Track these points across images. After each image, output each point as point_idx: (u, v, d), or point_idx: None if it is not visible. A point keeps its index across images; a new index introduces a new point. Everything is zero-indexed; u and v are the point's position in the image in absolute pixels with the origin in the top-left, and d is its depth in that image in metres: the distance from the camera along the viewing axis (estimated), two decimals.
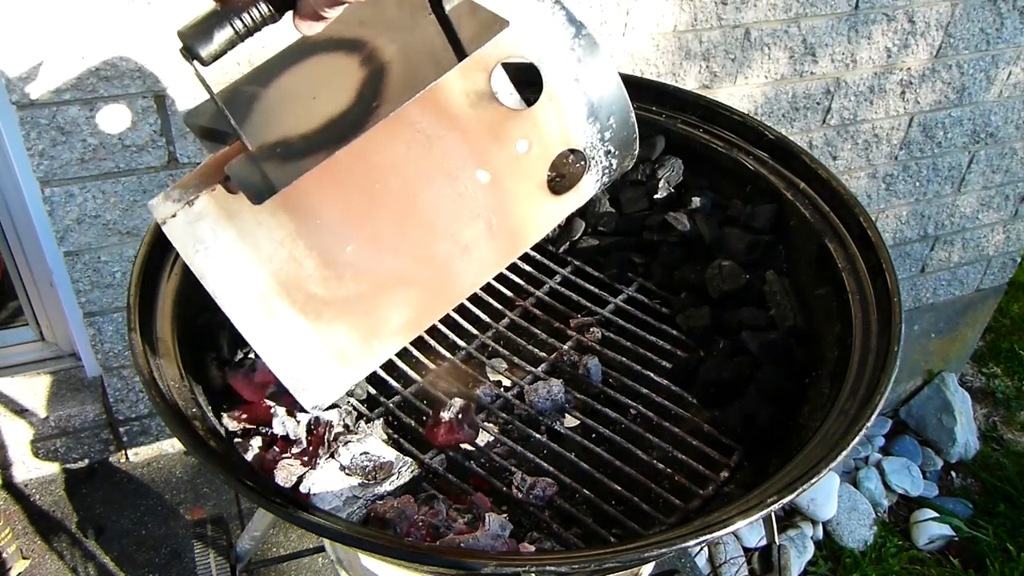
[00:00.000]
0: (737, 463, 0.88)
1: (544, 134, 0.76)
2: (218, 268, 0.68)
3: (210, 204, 0.68)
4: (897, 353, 0.78)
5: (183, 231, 0.67)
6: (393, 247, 0.72)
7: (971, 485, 2.66)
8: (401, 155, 0.70)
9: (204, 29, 0.60)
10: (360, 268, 0.71)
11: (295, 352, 0.71)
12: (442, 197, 0.73)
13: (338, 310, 0.71)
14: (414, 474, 0.83)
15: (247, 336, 0.69)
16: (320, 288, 0.70)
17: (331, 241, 0.70)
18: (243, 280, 0.68)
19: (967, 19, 1.88)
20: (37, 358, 1.72)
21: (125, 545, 1.65)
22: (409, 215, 0.72)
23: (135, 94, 1.31)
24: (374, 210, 0.71)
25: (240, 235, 0.68)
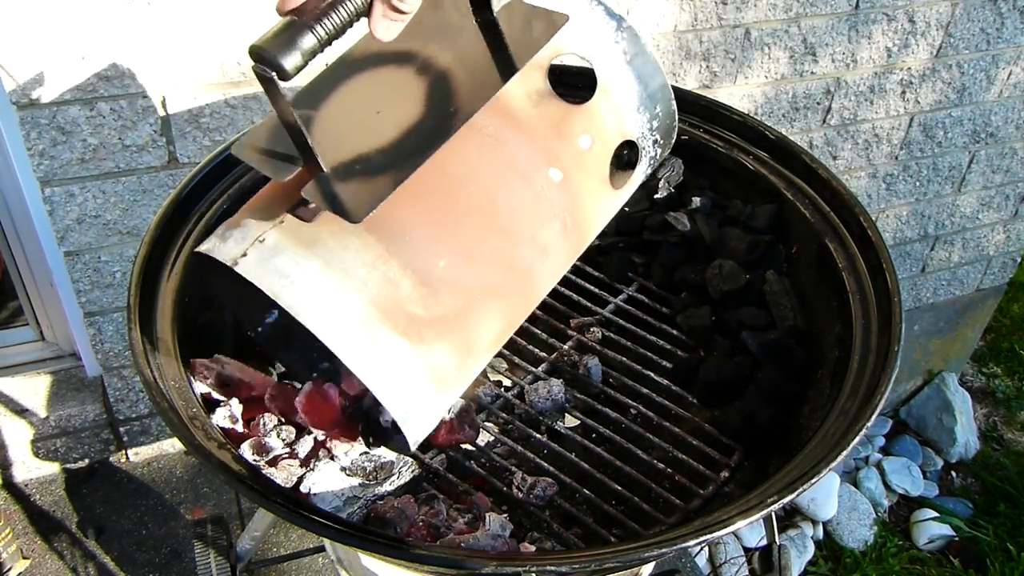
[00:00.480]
0: (737, 463, 0.88)
1: (602, 128, 0.76)
2: (311, 300, 0.63)
3: (283, 237, 0.64)
4: (897, 353, 0.78)
5: (260, 268, 0.63)
6: (482, 256, 0.69)
7: (971, 485, 2.66)
8: (475, 161, 0.68)
9: (285, 40, 0.56)
10: (454, 282, 0.68)
11: (401, 379, 0.66)
12: (520, 200, 0.71)
13: (438, 329, 0.67)
14: (414, 474, 0.83)
15: (354, 367, 0.63)
16: (419, 308, 0.65)
17: (423, 257, 0.66)
18: (341, 308, 0.63)
19: (967, 19, 1.88)
20: (37, 358, 1.72)
21: (125, 545, 1.65)
22: (492, 221, 0.69)
23: (135, 94, 1.31)
24: (458, 220, 0.68)
25: (327, 263, 0.63)
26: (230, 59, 1.33)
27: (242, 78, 1.36)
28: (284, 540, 1.69)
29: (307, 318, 0.62)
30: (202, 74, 1.33)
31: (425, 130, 0.63)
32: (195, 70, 1.32)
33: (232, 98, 1.37)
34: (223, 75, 1.34)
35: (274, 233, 0.64)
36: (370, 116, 0.65)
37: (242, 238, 0.65)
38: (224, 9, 1.28)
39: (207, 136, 1.40)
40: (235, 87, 1.36)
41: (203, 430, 0.74)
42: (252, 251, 0.63)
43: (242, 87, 1.37)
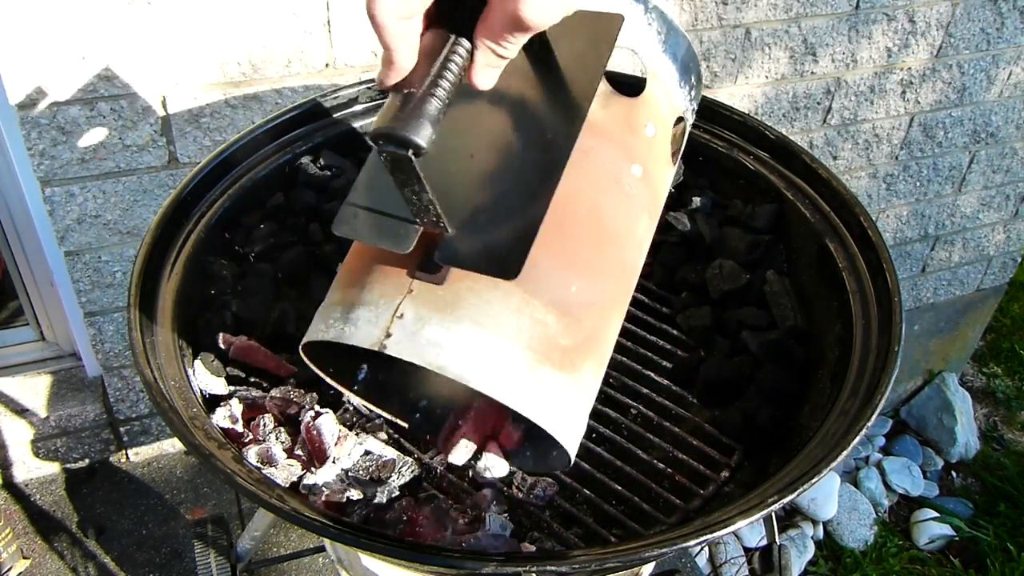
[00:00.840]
0: (737, 463, 0.87)
1: (660, 112, 0.76)
2: (475, 363, 0.61)
3: (421, 307, 0.61)
4: (898, 353, 0.78)
5: (412, 345, 0.60)
6: (603, 269, 0.69)
7: (971, 485, 2.66)
8: (572, 178, 0.66)
9: (412, 115, 0.52)
10: (588, 303, 0.67)
11: (568, 411, 0.66)
12: (617, 204, 0.71)
13: (583, 352, 0.67)
14: (414, 474, 0.83)
15: (530, 415, 0.62)
16: (567, 339, 0.65)
17: (558, 288, 0.65)
18: (505, 363, 0.62)
19: (967, 19, 1.88)
20: (37, 358, 1.72)
21: (125, 545, 1.65)
22: (602, 233, 0.69)
23: (135, 94, 1.31)
24: (576, 241, 0.67)
25: (476, 322, 0.61)
26: (230, 59, 1.33)
27: (242, 78, 1.36)
28: (284, 540, 1.69)
29: (478, 382, 0.60)
30: (202, 74, 1.33)
31: (532, 165, 0.60)
32: (195, 70, 1.32)
33: (232, 98, 1.37)
34: (223, 75, 1.34)
35: (409, 305, 0.61)
36: (466, 162, 0.62)
37: (375, 318, 0.62)
38: (224, 9, 1.28)
39: (207, 136, 1.40)
40: (235, 87, 1.36)
41: (203, 430, 0.74)
42: (395, 330, 0.60)
43: (242, 87, 1.37)
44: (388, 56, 0.53)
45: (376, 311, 0.62)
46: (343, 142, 1.07)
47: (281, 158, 1.02)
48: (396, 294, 0.62)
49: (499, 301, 0.62)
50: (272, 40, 1.33)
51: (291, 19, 1.32)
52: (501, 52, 0.54)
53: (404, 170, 0.54)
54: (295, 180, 1.04)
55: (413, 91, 0.52)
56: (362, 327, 0.62)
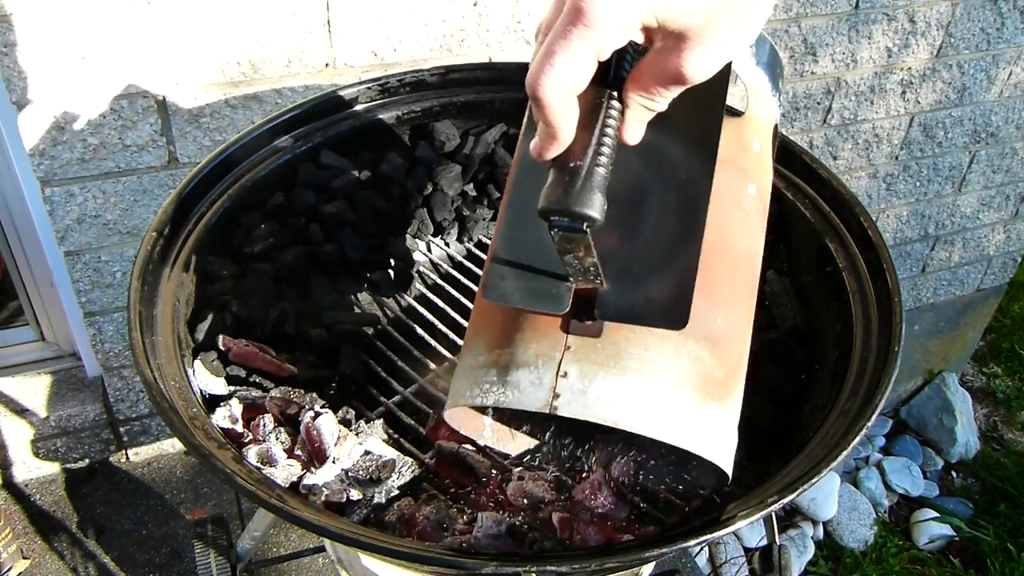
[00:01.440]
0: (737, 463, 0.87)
1: (762, 126, 0.76)
2: (645, 412, 0.60)
3: (583, 363, 0.60)
4: (898, 353, 0.78)
5: (582, 403, 0.60)
6: (739, 295, 0.70)
7: (972, 485, 2.66)
8: None
9: (584, 190, 0.50)
10: (732, 332, 0.68)
11: (728, 440, 0.67)
12: (741, 227, 0.71)
13: (735, 379, 0.68)
14: (414, 474, 0.83)
15: (707, 455, 0.63)
16: (721, 371, 0.65)
17: (706, 322, 0.65)
18: (676, 410, 0.61)
19: (968, 19, 1.88)
20: (37, 358, 1.72)
21: (125, 545, 1.65)
22: (734, 259, 0.69)
23: (135, 94, 1.31)
24: (714, 271, 0.66)
25: (641, 371, 0.61)
26: (230, 59, 1.33)
27: (242, 78, 1.36)
28: (284, 540, 1.69)
29: (653, 431, 0.60)
30: (202, 74, 1.33)
31: (673, 208, 0.60)
32: (195, 70, 1.32)
33: (232, 98, 1.37)
34: (223, 75, 1.34)
35: (572, 362, 0.61)
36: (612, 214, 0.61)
37: (538, 380, 0.61)
38: (224, 9, 1.28)
39: (207, 136, 1.40)
40: (235, 87, 1.36)
41: (203, 430, 0.74)
42: (562, 390, 0.60)
43: (242, 87, 1.37)
44: (551, 132, 0.50)
45: (538, 372, 0.61)
46: (343, 142, 1.07)
47: (281, 158, 1.02)
48: (554, 351, 0.61)
49: (658, 347, 0.62)
50: (272, 40, 1.33)
51: (291, 19, 1.32)
52: (654, 107, 0.52)
53: (576, 242, 0.54)
54: (295, 180, 1.04)
55: (579, 164, 0.51)
56: (526, 390, 0.61)
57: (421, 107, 1.11)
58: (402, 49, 1.43)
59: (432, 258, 1.14)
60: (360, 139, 1.08)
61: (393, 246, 1.10)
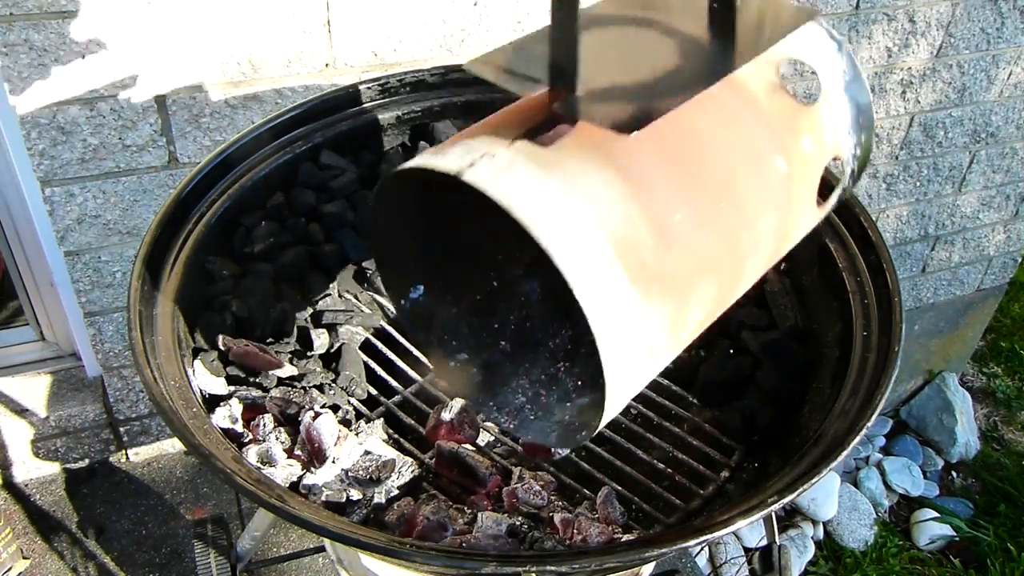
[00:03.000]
0: (737, 463, 0.87)
1: (822, 135, 0.74)
2: (550, 219, 0.56)
3: (517, 155, 0.58)
4: (898, 353, 0.78)
5: (491, 179, 0.57)
6: (713, 224, 0.66)
7: (972, 485, 2.66)
8: (715, 128, 0.66)
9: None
10: (686, 241, 0.63)
11: (625, 335, 0.60)
12: (750, 180, 0.68)
13: (663, 289, 0.62)
14: (414, 474, 0.83)
15: (588, 309, 0.57)
16: (652, 257, 0.60)
17: (662, 206, 0.61)
18: (580, 236, 0.57)
19: (968, 19, 1.88)
20: (37, 358, 1.72)
21: (125, 545, 1.65)
22: (726, 192, 0.66)
23: (135, 94, 1.31)
24: (697, 181, 0.64)
25: (567, 185, 0.58)
26: (230, 59, 1.33)
27: (242, 78, 1.36)
28: (284, 540, 1.69)
29: (544, 239, 0.56)
30: (202, 74, 1.33)
31: (677, 77, 0.59)
32: (195, 70, 1.32)
33: (232, 98, 1.37)
34: (223, 75, 1.34)
35: (505, 151, 0.58)
36: (615, 58, 0.61)
37: (466, 153, 0.58)
38: (224, 9, 1.28)
39: (207, 136, 1.40)
40: (235, 87, 1.36)
41: (203, 430, 0.74)
42: (481, 163, 0.57)
43: (242, 87, 1.37)
44: None
45: (470, 149, 0.59)
46: (343, 142, 1.07)
47: (281, 158, 1.02)
48: (496, 143, 0.59)
49: (599, 179, 0.59)
50: (272, 40, 1.33)
51: (291, 19, 1.32)
52: None
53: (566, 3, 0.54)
54: (295, 180, 1.04)
55: None
56: (449, 158, 0.58)
57: (421, 107, 1.11)
58: (402, 49, 1.43)
59: None
60: (360, 139, 1.08)
61: None
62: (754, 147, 0.67)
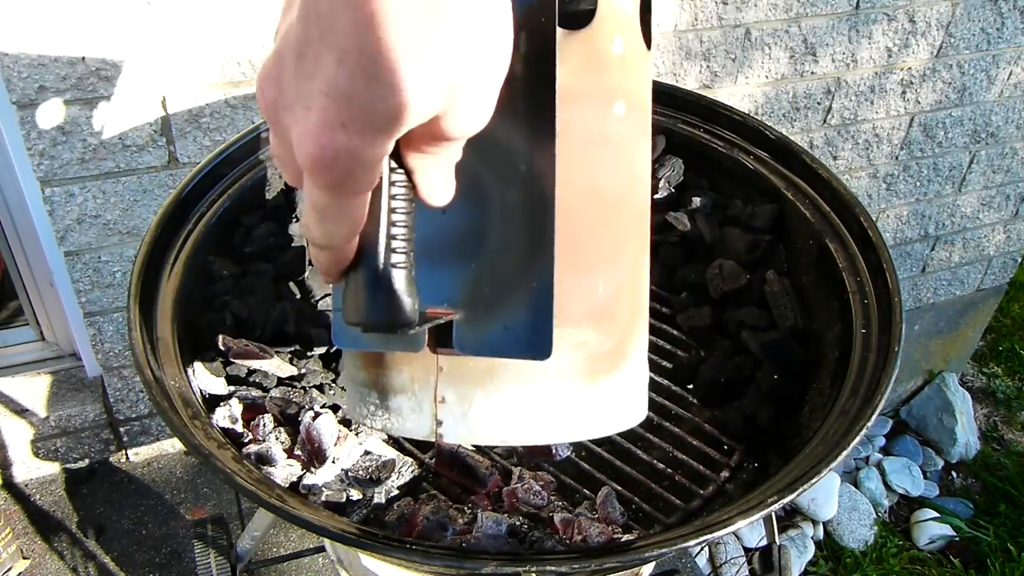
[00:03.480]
0: (737, 463, 0.87)
1: (624, 18, 0.65)
2: (531, 422, 0.58)
3: (458, 385, 0.57)
4: (898, 353, 0.78)
5: (464, 428, 0.57)
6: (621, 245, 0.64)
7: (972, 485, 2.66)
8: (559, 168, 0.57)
9: (383, 298, 0.44)
10: (617, 291, 0.62)
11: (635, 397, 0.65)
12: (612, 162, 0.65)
13: (629, 337, 0.63)
14: (414, 474, 0.83)
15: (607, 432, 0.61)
16: (610, 341, 0.61)
17: (584, 299, 0.60)
18: (563, 404, 0.59)
19: (968, 19, 1.88)
20: (37, 358, 1.72)
21: (125, 545, 1.65)
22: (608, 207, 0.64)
23: (135, 94, 1.31)
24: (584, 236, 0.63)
25: (518, 379, 0.57)
26: (230, 59, 1.33)
27: (242, 78, 1.36)
28: (284, 540, 1.69)
29: (545, 438, 0.58)
30: (202, 74, 1.33)
31: (516, 209, 0.52)
32: (195, 70, 1.32)
33: (232, 98, 1.37)
34: (223, 75, 1.34)
35: (447, 386, 0.57)
36: (440, 222, 0.53)
37: (418, 407, 0.58)
38: (224, 9, 1.28)
39: (207, 136, 1.40)
40: (235, 87, 1.36)
41: (203, 430, 0.74)
42: (444, 416, 0.57)
43: (242, 87, 1.37)
44: (331, 262, 0.44)
45: (416, 398, 0.58)
46: None
47: None
48: (428, 375, 0.58)
49: (533, 364, 0.58)
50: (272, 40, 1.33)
51: None
52: (443, 162, 0.44)
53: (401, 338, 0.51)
54: None
55: (373, 265, 0.44)
56: (409, 417, 0.58)
57: None
58: None
59: None
60: None
61: None
62: (593, 136, 0.61)
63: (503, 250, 0.52)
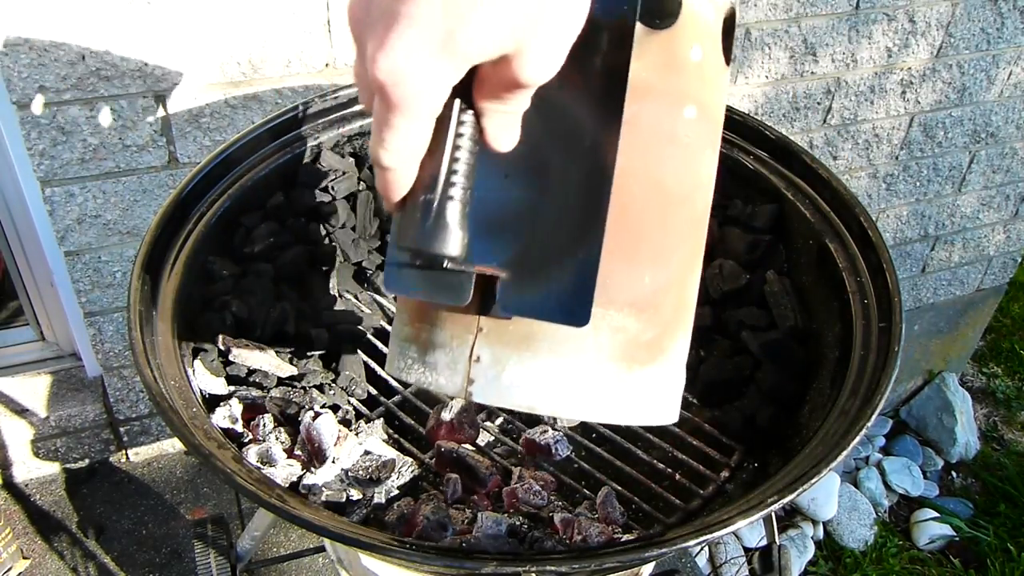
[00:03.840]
0: (737, 463, 0.87)
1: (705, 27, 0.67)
2: (560, 395, 0.58)
3: (495, 346, 0.58)
4: (898, 353, 0.78)
5: (494, 390, 0.58)
6: (673, 241, 0.65)
7: (972, 485, 2.66)
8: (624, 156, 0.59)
9: (435, 228, 0.46)
10: (663, 285, 0.63)
11: (666, 394, 0.66)
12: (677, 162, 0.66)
13: (671, 333, 0.64)
14: (414, 474, 0.83)
15: (634, 423, 0.62)
16: (650, 332, 0.62)
17: (630, 287, 0.61)
18: (592, 385, 0.59)
19: (968, 19, 1.88)
20: (37, 358, 1.72)
21: (125, 545, 1.65)
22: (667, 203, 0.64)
23: (136, 94, 1.31)
24: (639, 227, 0.63)
25: (553, 350, 0.58)
26: (230, 59, 1.33)
27: (242, 78, 1.36)
28: (284, 540, 1.69)
29: (570, 412, 0.59)
30: (202, 74, 1.33)
31: (575, 182, 0.54)
32: (195, 70, 1.32)
33: (232, 98, 1.37)
34: (223, 75, 1.34)
35: (484, 346, 0.58)
36: (501, 185, 0.55)
37: (453, 363, 0.59)
38: (224, 9, 1.28)
39: (207, 136, 1.40)
40: (235, 87, 1.36)
41: (203, 430, 0.74)
42: (476, 375, 0.58)
43: (242, 87, 1.37)
44: (393, 184, 0.46)
45: (452, 355, 0.60)
46: (343, 142, 1.07)
47: (281, 158, 1.02)
48: (467, 334, 0.59)
49: (572, 330, 0.58)
50: (272, 40, 1.33)
51: (291, 19, 1.32)
52: (511, 110, 0.47)
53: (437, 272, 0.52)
54: (295, 180, 1.04)
55: (430, 197, 0.46)
56: (443, 373, 0.60)
57: None
58: None
59: None
60: (360, 139, 1.08)
61: None
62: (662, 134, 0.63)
63: (556, 220, 0.54)
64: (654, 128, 0.62)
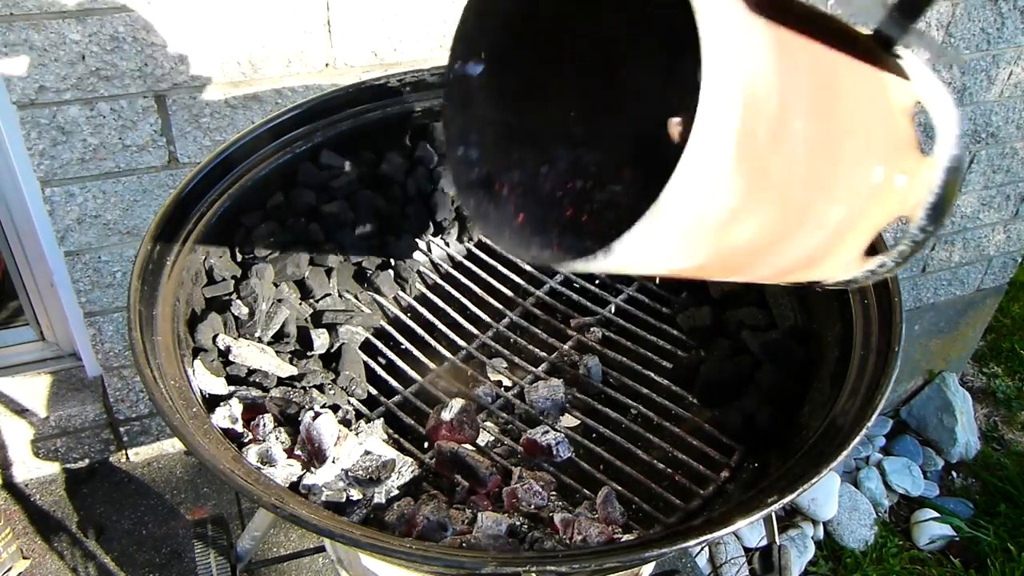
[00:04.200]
0: (737, 463, 0.87)
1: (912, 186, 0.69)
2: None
3: None
4: (898, 353, 0.78)
5: None
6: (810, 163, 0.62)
7: (972, 485, 2.66)
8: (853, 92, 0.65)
9: None
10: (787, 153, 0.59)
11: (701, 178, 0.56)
12: (854, 155, 0.65)
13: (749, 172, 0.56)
14: (414, 474, 0.83)
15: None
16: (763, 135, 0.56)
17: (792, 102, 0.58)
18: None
19: (968, 19, 1.88)
20: (37, 358, 1.72)
21: (125, 545, 1.65)
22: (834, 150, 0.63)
23: (135, 94, 1.31)
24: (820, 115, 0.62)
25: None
26: (230, 59, 1.33)
27: (242, 78, 1.36)
28: (284, 540, 1.69)
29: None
30: (202, 74, 1.33)
31: None
32: (195, 70, 1.32)
33: (232, 98, 1.37)
34: (223, 75, 1.34)
35: None
36: None
37: None
38: (224, 9, 1.28)
39: (207, 136, 1.40)
40: (235, 87, 1.36)
41: (203, 430, 0.74)
42: None
43: (242, 87, 1.37)
44: None
45: None
46: (343, 142, 1.07)
47: (281, 158, 1.02)
48: None
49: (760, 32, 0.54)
50: (272, 40, 1.33)
51: (291, 19, 1.32)
52: None
53: None
54: (295, 180, 1.04)
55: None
56: None
57: (421, 107, 1.11)
58: (402, 49, 1.43)
59: (432, 258, 1.14)
60: (360, 139, 1.08)
61: (393, 246, 1.10)
62: (870, 133, 0.63)
63: None
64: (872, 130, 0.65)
